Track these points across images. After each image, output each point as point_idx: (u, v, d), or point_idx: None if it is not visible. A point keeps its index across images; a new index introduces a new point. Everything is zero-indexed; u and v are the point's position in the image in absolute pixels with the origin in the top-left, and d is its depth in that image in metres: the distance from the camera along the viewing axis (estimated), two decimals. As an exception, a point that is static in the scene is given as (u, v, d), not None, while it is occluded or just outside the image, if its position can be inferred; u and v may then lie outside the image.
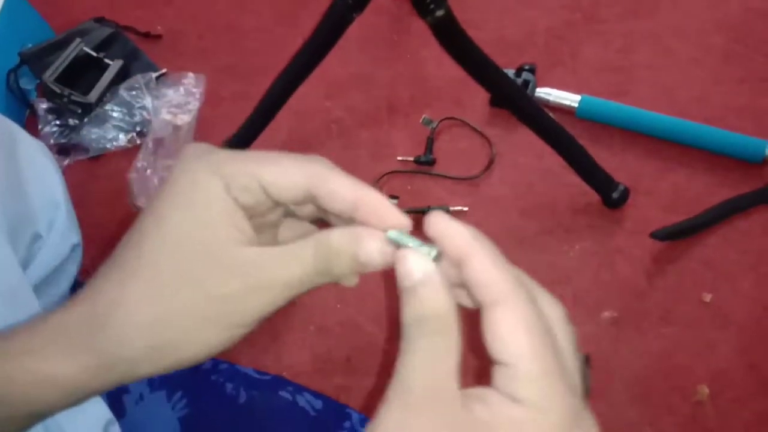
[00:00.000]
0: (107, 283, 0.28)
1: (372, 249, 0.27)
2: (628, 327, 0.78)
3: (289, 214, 0.31)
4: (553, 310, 0.27)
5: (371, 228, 0.27)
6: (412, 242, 0.27)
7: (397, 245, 0.27)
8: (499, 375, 0.24)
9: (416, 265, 0.26)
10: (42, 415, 0.31)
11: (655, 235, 0.82)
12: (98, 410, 0.54)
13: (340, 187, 0.28)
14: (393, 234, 0.27)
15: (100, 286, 0.28)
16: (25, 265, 0.58)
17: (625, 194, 0.84)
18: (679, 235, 0.83)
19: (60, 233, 0.64)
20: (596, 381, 0.77)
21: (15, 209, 0.55)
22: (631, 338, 0.77)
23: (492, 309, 0.25)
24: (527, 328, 0.24)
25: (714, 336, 0.77)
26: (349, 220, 0.28)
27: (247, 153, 0.29)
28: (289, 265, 0.27)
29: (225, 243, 0.27)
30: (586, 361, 0.29)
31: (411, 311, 0.25)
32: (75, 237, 0.66)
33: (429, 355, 0.24)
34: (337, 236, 0.27)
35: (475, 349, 0.26)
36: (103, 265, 0.29)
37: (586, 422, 0.25)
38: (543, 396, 0.24)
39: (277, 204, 0.29)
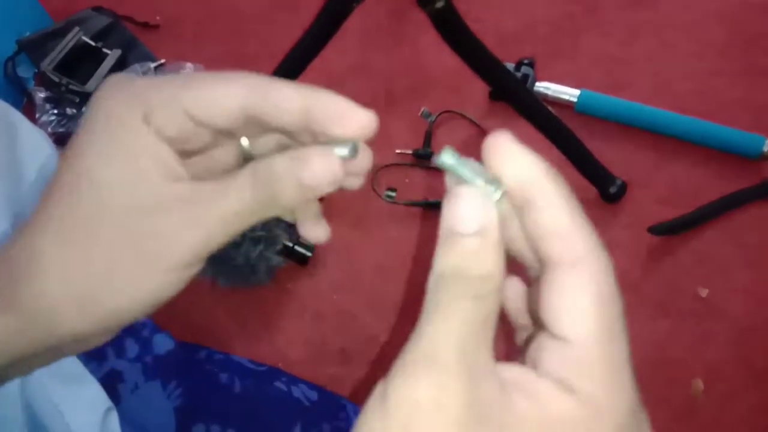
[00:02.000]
0: (25, 236, 0.25)
1: (317, 170, 0.23)
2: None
3: (245, 157, 0.27)
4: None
5: (316, 147, 0.24)
6: (470, 173, 0.21)
7: (451, 173, 0.22)
8: (552, 353, 0.20)
9: (476, 212, 0.20)
10: None
11: (652, 230, 0.82)
12: (98, 398, 0.54)
13: (284, 97, 0.24)
14: (447, 158, 0.22)
15: (18, 240, 0.25)
16: None
17: (623, 189, 0.84)
18: (675, 229, 0.83)
19: None
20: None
21: (14, 194, 0.54)
22: (628, 331, 0.77)
23: (563, 270, 0.20)
24: (603, 302, 0.20)
25: (709, 330, 0.77)
26: (307, 140, 0.25)
27: (170, 77, 0.25)
28: (223, 198, 0.24)
29: (146, 180, 0.24)
30: None
31: (452, 263, 0.20)
32: None
33: (468, 322, 0.19)
34: (277, 161, 0.24)
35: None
36: (30, 215, 0.26)
37: (644, 424, 0.21)
38: (606, 390, 0.19)
39: (213, 131, 0.25)
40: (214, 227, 0.24)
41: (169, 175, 0.24)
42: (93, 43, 0.99)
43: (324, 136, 0.24)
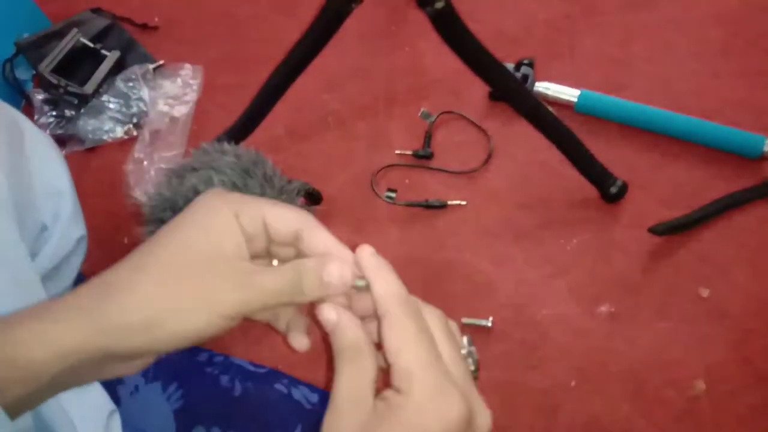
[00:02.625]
0: (118, 270, 0.34)
1: (332, 270, 0.35)
2: (624, 321, 0.78)
3: (269, 254, 0.39)
4: (433, 316, 0.35)
5: (337, 260, 0.35)
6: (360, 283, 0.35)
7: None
8: (393, 373, 0.32)
9: (329, 314, 0.34)
10: (40, 378, 0.33)
11: (652, 230, 0.82)
12: (102, 400, 0.54)
13: (323, 238, 0.36)
14: (358, 281, 0.35)
15: (112, 272, 0.34)
16: (32, 256, 0.58)
17: (623, 189, 0.84)
18: (676, 229, 0.83)
19: (66, 225, 0.63)
20: (592, 375, 0.77)
21: (22, 199, 0.54)
22: (628, 332, 0.77)
23: (381, 322, 0.33)
24: (401, 334, 0.32)
25: (710, 330, 0.77)
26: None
27: (256, 197, 0.37)
28: (270, 276, 0.35)
29: (225, 252, 0.34)
30: (470, 341, 0.37)
31: (334, 346, 0.34)
32: (80, 229, 0.66)
33: (348, 376, 0.32)
34: (309, 259, 0.36)
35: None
36: (123, 260, 0.35)
37: (476, 404, 0.33)
38: (417, 384, 0.31)
39: (268, 241, 0.37)
40: (255, 295, 0.34)
41: (240, 255, 0.35)
42: (91, 45, 0.99)
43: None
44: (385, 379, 0.34)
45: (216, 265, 0.34)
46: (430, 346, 0.33)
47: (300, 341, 0.39)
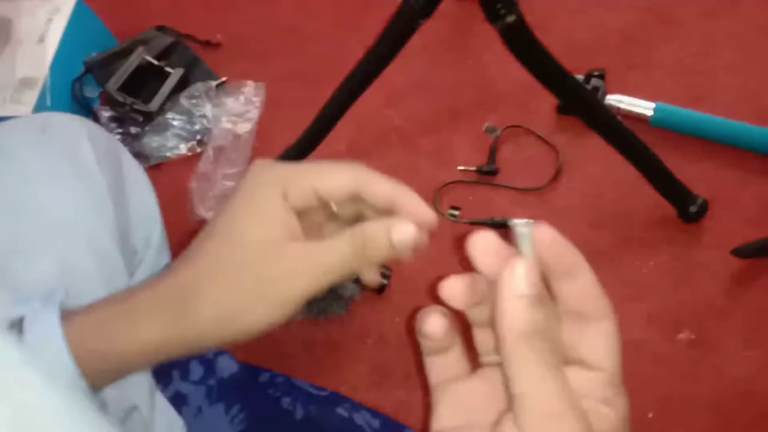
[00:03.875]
0: (187, 269, 0.35)
1: (402, 230, 0.33)
2: (707, 349, 0.73)
3: (331, 217, 0.37)
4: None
5: (400, 221, 0.33)
6: (528, 249, 0.26)
7: (513, 241, 0.27)
8: (590, 379, 0.26)
9: (532, 279, 0.25)
10: (129, 369, 0.37)
11: (736, 252, 0.76)
12: (174, 418, 0.54)
13: (381, 187, 0.34)
14: (521, 227, 0.27)
15: (182, 271, 0.35)
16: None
17: (704, 208, 0.79)
18: (763, 252, 0.77)
19: (156, 251, 0.64)
20: (673, 406, 0.73)
21: (122, 223, 0.55)
22: (711, 361, 0.72)
23: (595, 322, 0.27)
24: (619, 342, 0.27)
25: (804, 362, 0.71)
26: (385, 216, 0.35)
27: (303, 165, 0.36)
28: (327, 253, 0.34)
29: (278, 239, 0.34)
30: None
31: (521, 325, 0.24)
32: (167, 256, 0.67)
33: (556, 376, 0.24)
34: (372, 225, 0.34)
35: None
36: (181, 256, 0.36)
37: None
38: (625, 407, 0.26)
39: (324, 205, 0.36)
40: (318, 275, 0.34)
41: (293, 237, 0.35)
42: (156, 62, 1.00)
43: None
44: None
45: (273, 254, 0.34)
46: (562, 392, 0.25)
47: (372, 277, 0.37)
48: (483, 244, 0.28)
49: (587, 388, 0.26)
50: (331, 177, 0.35)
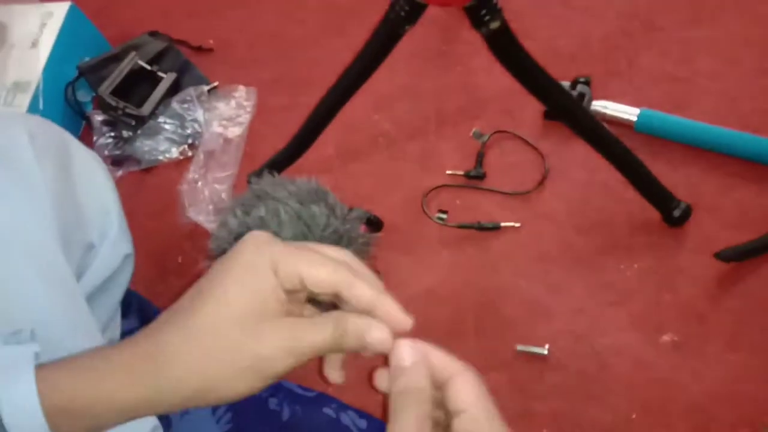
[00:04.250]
0: (171, 334, 0.35)
1: (377, 336, 0.35)
2: (689, 352, 0.74)
3: (311, 299, 0.39)
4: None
5: (380, 322, 0.36)
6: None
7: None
8: (458, 422, 0.34)
9: (403, 356, 0.35)
10: (98, 426, 0.37)
11: (719, 256, 0.77)
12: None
13: (363, 293, 0.36)
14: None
15: (165, 334, 0.35)
16: (78, 275, 0.59)
17: (687, 212, 0.80)
18: (745, 255, 0.78)
19: (113, 243, 0.64)
20: (656, 408, 0.74)
21: (69, 218, 0.55)
22: (694, 364, 0.73)
23: (453, 379, 0.35)
24: (476, 387, 0.35)
25: (784, 364, 0.72)
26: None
27: (295, 248, 0.37)
28: (315, 334, 0.35)
29: (270, 314, 0.35)
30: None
31: (401, 385, 0.34)
32: (127, 247, 0.67)
33: (410, 420, 0.33)
34: (354, 319, 0.36)
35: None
36: (167, 312, 0.37)
37: None
38: (489, 430, 0.33)
39: (306, 292, 0.38)
40: (300, 355, 0.35)
41: (283, 312, 0.36)
42: (149, 67, 1.01)
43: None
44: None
45: (259, 326, 0.35)
46: (492, 402, 0.35)
47: (336, 375, 0.40)
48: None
49: (459, 428, 0.34)
50: (318, 271, 0.36)
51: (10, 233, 0.48)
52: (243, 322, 0.35)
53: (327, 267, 0.36)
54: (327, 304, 0.39)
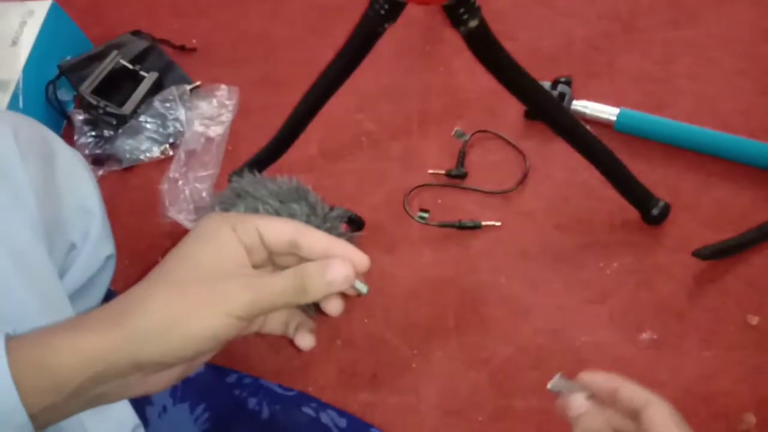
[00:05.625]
0: (137, 286, 0.37)
1: (338, 269, 0.36)
2: (667, 349, 0.75)
3: (273, 267, 0.41)
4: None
5: (339, 260, 0.36)
6: (572, 389, 0.43)
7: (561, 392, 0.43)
8: None
9: (577, 404, 0.42)
10: (67, 385, 0.35)
11: (697, 254, 0.78)
12: (126, 416, 0.53)
13: (317, 238, 0.38)
14: (558, 384, 0.43)
15: (132, 289, 0.37)
16: (61, 274, 0.59)
17: (666, 210, 0.81)
18: (722, 253, 0.79)
19: (95, 243, 0.64)
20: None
21: (51, 218, 0.55)
22: (671, 361, 0.74)
23: (647, 408, 0.39)
24: (669, 416, 0.39)
25: (761, 360, 0.73)
26: None
27: (250, 214, 0.39)
28: (275, 278, 0.36)
29: (230, 261, 0.37)
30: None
31: (576, 429, 0.40)
32: (109, 248, 0.67)
33: None
34: (311, 265, 0.37)
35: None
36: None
37: None
38: None
39: (267, 253, 0.39)
40: (260, 294, 0.36)
41: (243, 263, 0.38)
42: (131, 66, 1.01)
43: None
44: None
45: (223, 273, 0.36)
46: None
47: (306, 339, 0.41)
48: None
49: None
50: (273, 224, 0.38)
51: None
52: (207, 268, 0.36)
53: (281, 220, 0.39)
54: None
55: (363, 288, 0.38)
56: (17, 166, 0.51)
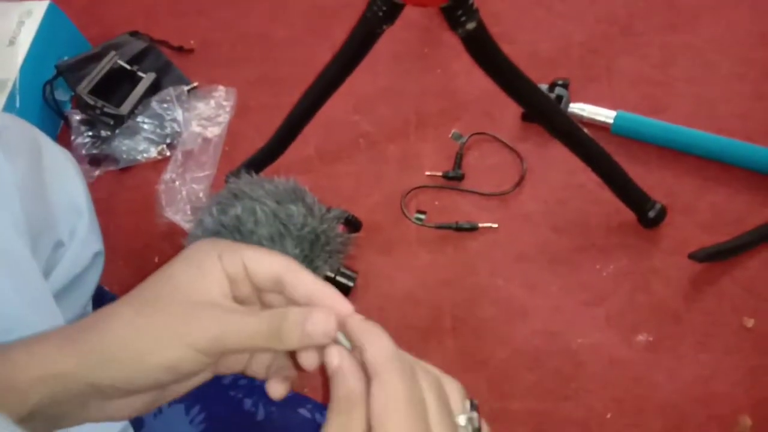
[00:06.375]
0: (110, 305, 0.35)
1: (318, 318, 0.32)
2: (663, 351, 0.75)
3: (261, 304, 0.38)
4: (428, 380, 0.32)
5: (321, 311, 0.33)
6: (345, 341, 0.33)
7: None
8: None
9: (331, 358, 0.32)
10: (24, 403, 0.34)
11: (693, 256, 0.78)
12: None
13: (303, 280, 0.35)
14: (340, 336, 0.33)
15: (106, 306, 0.35)
16: (47, 272, 0.58)
17: (662, 213, 0.81)
18: (718, 256, 0.79)
19: (82, 241, 0.64)
20: (629, 408, 0.74)
21: (37, 216, 0.55)
22: (667, 363, 0.74)
23: (371, 382, 0.30)
24: (391, 397, 0.30)
25: (756, 363, 0.73)
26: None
27: (242, 245, 0.37)
28: (249, 318, 0.34)
29: (207, 290, 0.35)
30: (474, 406, 0.34)
31: (332, 392, 0.32)
32: (97, 245, 0.66)
33: (337, 428, 0.30)
34: (292, 312, 0.33)
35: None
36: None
37: None
38: None
39: (252, 288, 0.36)
40: (230, 333, 0.33)
41: (223, 294, 0.35)
42: (128, 67, 1.01)
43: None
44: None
45: (199, 301, 0.34)
46: (419, 415, 0.30)
47: (276, 389, 0.37)
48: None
49: None
50: (261, 258, 0.36)
51: None
52: (181, 293, 0.34)
53: (270, 254, 0.36)
54: None
55: (346, 343, 0.33)
56: (1, 165, 0.51)
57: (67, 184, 0.62)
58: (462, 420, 0.33)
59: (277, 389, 0.37)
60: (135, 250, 0.88)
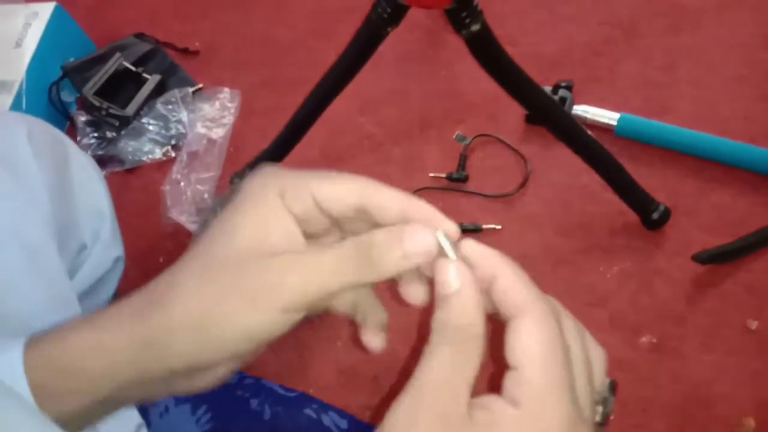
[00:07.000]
0: (165, 274, 0.31)
1: (417, 236, 0.27)
2: (667, 353, 0.75)
3: (341, 234, 0.33)
4: (573, 329, 0.28)
5: (417, 224, 0.28)
6: (453, 253, 0.27)
7: (441, 251, 0.28)
8: (507, 379, 0.26)
9: (454, 276, 0.27)
10: (97, 389, 0.31)
11: (696, 258, 0.78)
12: (129, 413, 0.54)
13: (389, 199, 0.29)
14: (441, 237, 0.27)
15: (161, 276, 0.31)
16: (71, 274, 0.59)
17: (666, 215, 0.81)
18: (721, 258, 0.79)
19: (104, 245, 0.64)
20: (633, 409, 0.74)
21: (64, 218, 0.56)
22: (671, 365, 0.74)
23: (514, 319, 0.27)
24: (541, 338, 0.26)
25: (759, 365, 0.73)
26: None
27: (306, 172, 0.31)
28: (328, 255, 0.29)
29: (273, 240, 0.30)
30: (612, 387, 0.30)
31: (442, 318, 0.27)
32: (118, 249, 0.67)
33: (449, 363, 0.26)
34: (380, 233, 0.28)
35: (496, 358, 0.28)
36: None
37: None
38: (542, 404, 0.25)
39: (329, 219, 0.31)
40: (312, 278, 0.28)
41: (291, 241, 0.30)
42: (134, 69, 1.01)
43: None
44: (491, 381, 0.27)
45: (263, 252, 0.29)
46: (567, 366, 0.26)
47: (373, 340, 0.33)
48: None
49: (507, 387, 0.26)
50: (332, 186, 0.30)
51: (9, 233, 0.48)
52: (245, 249, 0.29)
53: (343, 180, 0.30)
54: None
55: (452, 254, 0.27)
56: (31, 164, 0.52)
57: (92, 189, 0.63)
58: (605, 392, 0.29)
59: (373, 341, 0.33)
60: (141, 250, 0.88)
